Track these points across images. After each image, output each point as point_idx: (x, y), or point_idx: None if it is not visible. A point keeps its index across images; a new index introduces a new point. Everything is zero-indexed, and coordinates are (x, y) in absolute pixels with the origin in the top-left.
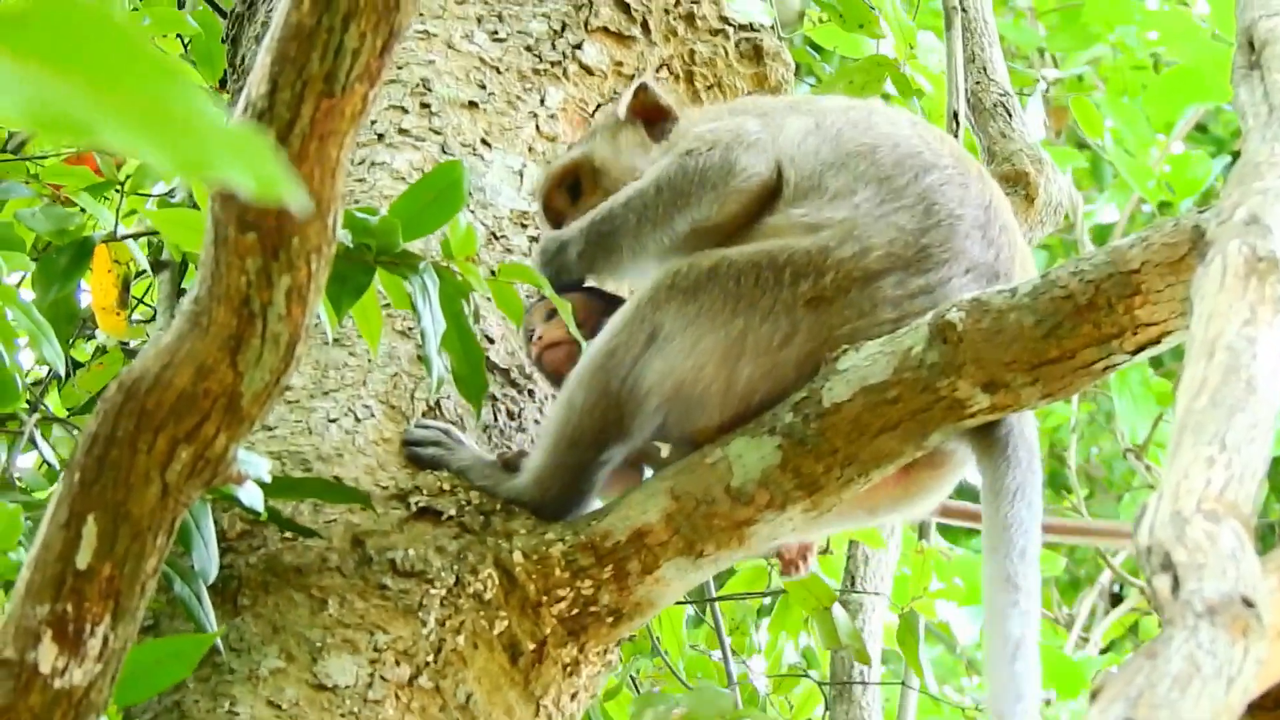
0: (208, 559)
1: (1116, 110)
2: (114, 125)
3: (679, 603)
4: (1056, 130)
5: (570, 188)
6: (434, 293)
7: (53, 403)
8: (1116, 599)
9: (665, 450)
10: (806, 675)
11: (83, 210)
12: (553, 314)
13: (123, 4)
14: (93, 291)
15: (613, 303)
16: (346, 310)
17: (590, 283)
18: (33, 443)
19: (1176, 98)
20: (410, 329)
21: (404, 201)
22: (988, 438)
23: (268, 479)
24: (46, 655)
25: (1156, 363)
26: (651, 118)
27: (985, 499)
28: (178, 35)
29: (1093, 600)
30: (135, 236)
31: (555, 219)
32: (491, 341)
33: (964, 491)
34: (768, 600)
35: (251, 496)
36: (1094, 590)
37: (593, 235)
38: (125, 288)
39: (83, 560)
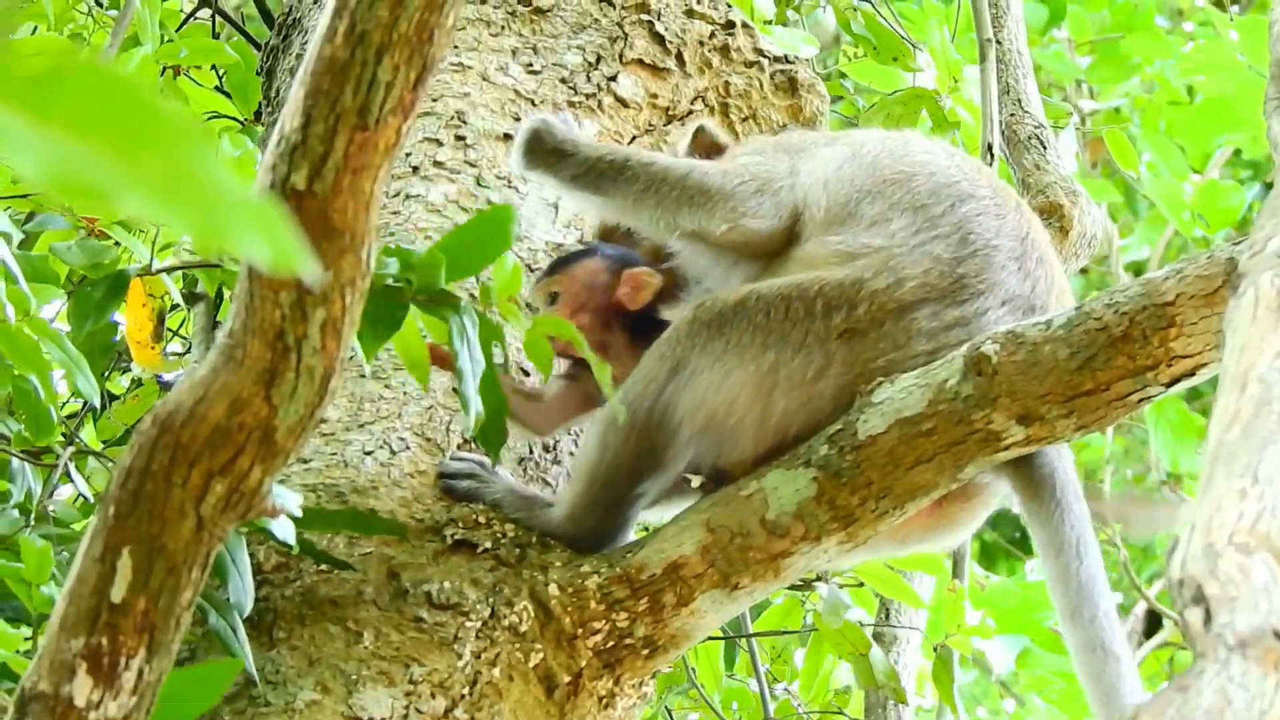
0: (243, 591)
1: (1152, 143)
2: (133, 191)
3: (714, 637)
4: (1092, 162)
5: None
6: (473, 333)
7: (87, 435)
8: (1152, 629)
9: (696, 481)
10: (841, 714)
11: (116, 244)
12: (553, 299)
13: (155, 35)
14: (128, 325)
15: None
16: (380, 346)
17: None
18: (67, 475)
19: (1210, 128)
20: None
21: (451, 239)
22: (1030, 476)
23: (298, 513)
24: (81, 688)
25: (1193, 395)
26: (709, 156)
27: (1045, 552)
28: (213, 67)
29: (1127, 632)
30: (170, 270)
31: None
32: (527, 374)
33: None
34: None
35: (284, 530)
36: (1128, 622)
37: (595, 170)
38: (160, 321)
39: (117, 593)
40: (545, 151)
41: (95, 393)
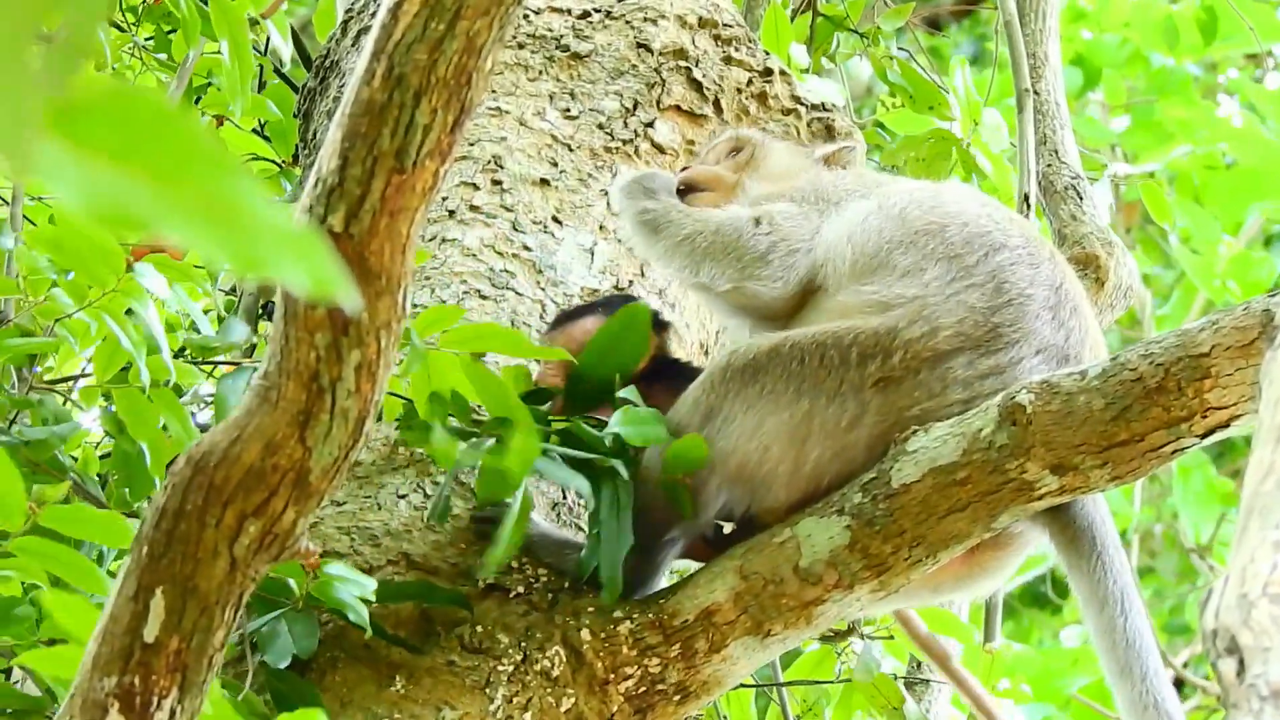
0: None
1: (1186, 211)
2: (173, 219)
3: (745, 685)
4: (1126, 227)
5: (733, 152)
6: (626, 503)
7: None
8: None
9: (728, 528)
10: None
11: None
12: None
13: (248, 97)
14: None
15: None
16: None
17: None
18: None
19: (1241, 197)
20: (477, 407)
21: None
22: (1069, 529)
23: (373, 597)
24: None
25: (1220, 462)
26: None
27: (1089, 607)
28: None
29: None
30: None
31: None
32: None
33: None
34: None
35: (359, 615)
36: None
37: (655, 218)
38: None
39: (150, 633)
40: (630, 196)
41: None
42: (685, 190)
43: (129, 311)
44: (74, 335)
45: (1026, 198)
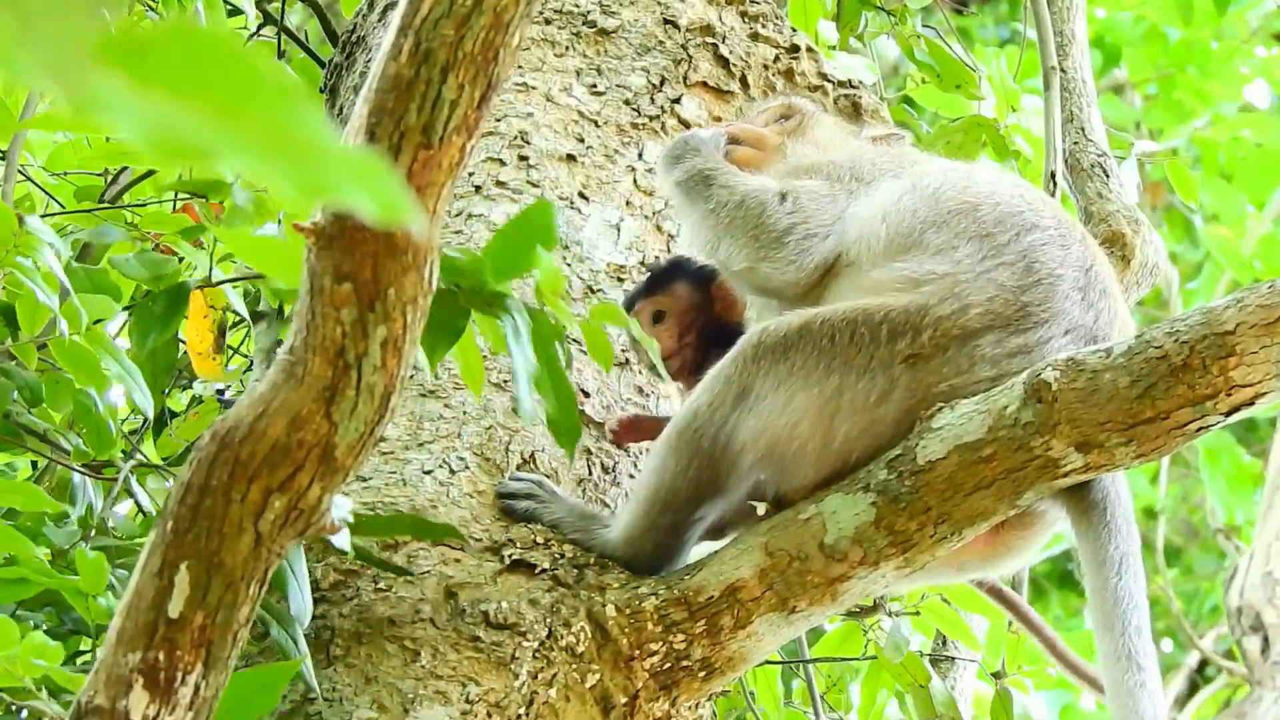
0: (302, 603)
1: (1212, 189)
2: (235, 150)
3: (771, 662)
4: (1152, 205)
5: (783, 118)
6: (525, 332)
7: (149, 451)
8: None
9: (762, 509)
10: None
11: (179, 259)
12: (659, 318)
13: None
14: (188, 337)
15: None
16: (443, 354)
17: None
18: (128, 490)
19: (1268, 177)
20: (505, 380)
21: (495, 242)
22: (1083, 501)
23: (350, 519)
24: (138, 703)
25: (1247, 442)
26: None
27: (1089, 569)
28: None
29: (1180, 685)
30: (232, 282)
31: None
32: (587, 395)
33: None
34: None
35: (340, 538)
36: (1182, 673)
37: (689, 181)
38: (221, 333)
39: (175, 609)
40: (672, 157)
41: (150, 406)
42: (729, 143)
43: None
44: None
45: (1053, 175)
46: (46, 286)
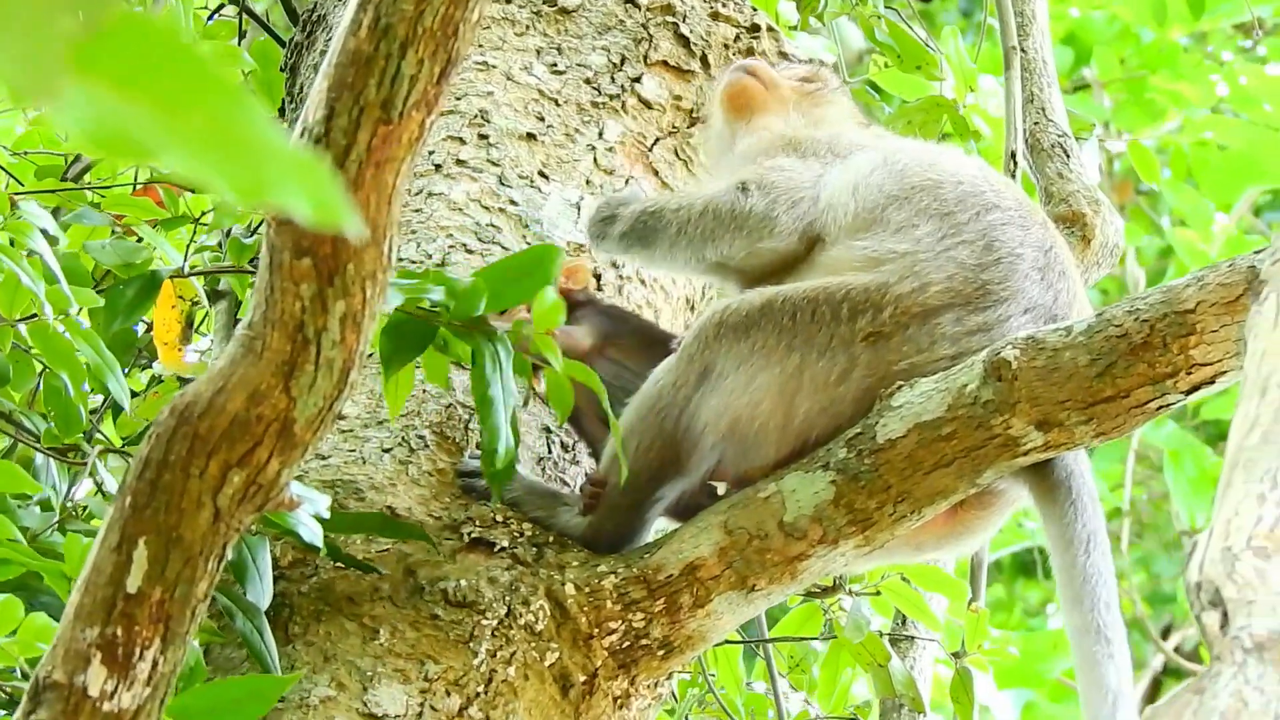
0: (261, 591)
1: (1179, 194)
2: (176, 148)
3: (732, 641)
4: (1120, 204)
5: (806, 80)
6: (506, 363)
7: (108, 431)
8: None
9: (722, 489)
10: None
11: (139, 241)
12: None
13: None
14: (155, 326)
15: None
16: (401, 367)
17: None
18: (93, 474)
19: (1234, 181)
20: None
21: (494, 271)
22: (1046, 480)
23: (326, 515)
24: (95, 678)
25: (1212, 442)
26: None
27: (1056, 547)
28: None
29: (1144, 685)
30: (203, 274)
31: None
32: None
33: None
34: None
35: (311, 533)
36: (1147, 674)
37: (638, 225)
38: (189, 324)
39: (133, 584)
40: (599, 222)
41: (126, 394)
42: (741, 72)
43: (31, 254)
44: None
45: (1014, 155)
46: (31, 270)
